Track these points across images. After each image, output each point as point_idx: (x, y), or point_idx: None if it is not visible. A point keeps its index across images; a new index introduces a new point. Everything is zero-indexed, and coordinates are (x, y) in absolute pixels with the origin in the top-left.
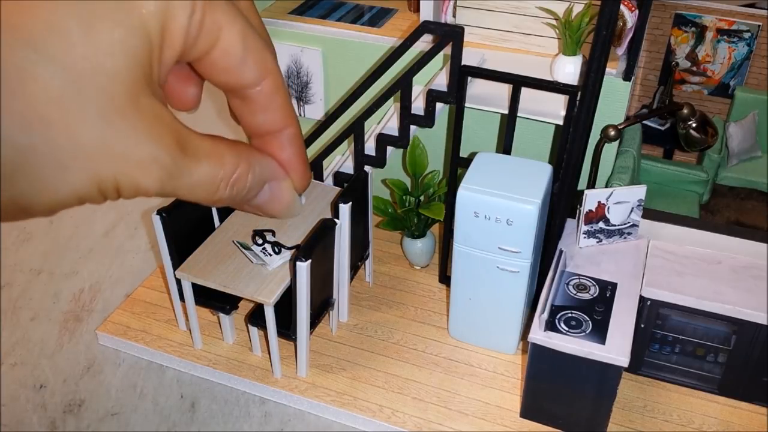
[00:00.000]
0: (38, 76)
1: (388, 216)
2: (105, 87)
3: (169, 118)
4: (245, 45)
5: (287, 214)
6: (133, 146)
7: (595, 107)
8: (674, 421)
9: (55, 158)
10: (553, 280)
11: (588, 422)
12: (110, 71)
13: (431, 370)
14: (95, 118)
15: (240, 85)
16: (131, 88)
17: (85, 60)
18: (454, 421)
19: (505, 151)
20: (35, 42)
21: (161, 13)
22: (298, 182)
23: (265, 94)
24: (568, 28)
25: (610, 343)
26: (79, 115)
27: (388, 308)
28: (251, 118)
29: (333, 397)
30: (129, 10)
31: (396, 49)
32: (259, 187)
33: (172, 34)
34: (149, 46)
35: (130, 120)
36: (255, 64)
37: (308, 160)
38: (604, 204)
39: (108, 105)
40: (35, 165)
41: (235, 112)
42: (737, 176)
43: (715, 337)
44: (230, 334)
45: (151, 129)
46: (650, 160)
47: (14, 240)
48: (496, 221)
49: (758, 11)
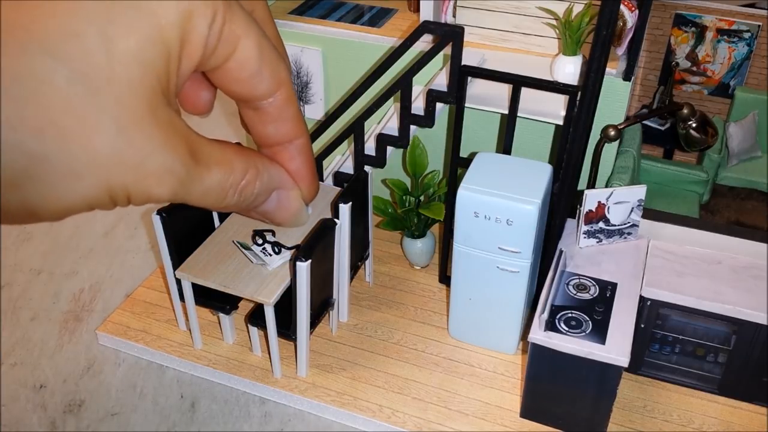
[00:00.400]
0: (54, 83)
1: (388, 216)
2: (122, 97)
3: (183, 127)
4: (261, 57)
5: (294, 222)
6: (148, 156)
7: (595, 107)
8: (674, 421)
9: (68, 166)
10: (553, 280)
11: (588, 422)
12: (127, 81)
13: (431, 370)
14: (111, 129)
15: (253, 96)
16: (148, 99)
17: (102, 69)
18: (455, 421)
19: (505, 151)
20: (53, 47)
21: (181, 24)
22: (306, 192)
23: (278, 106)
24: (568, 28)
25: (610, 343)
26: (95, 125)
27: (388, 308)
28: (262, 128)
29: (333, 397)
30: (149, 18)
31: (396, 49)
32: (266, 195)
33: (191, 45)
34: (167, 57)
35: (147, 131)
36: (270, 76)
37: (317, 171)
38: (604, 204)
39: (124, 116)
40: (47, 172)
41: (246, 121)
42: (737, 176)
43: (715, 337)
44: (230, 334)
45: (167, 140)
46: (650, 160)
47: (14, 240)
48: (496, 221)
49: (758, 11)
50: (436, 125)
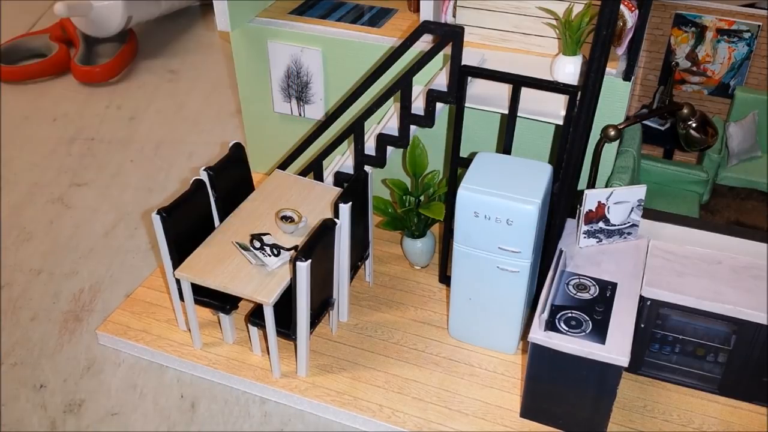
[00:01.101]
0: None
1: (389, 216)
2: None
3: None
4: None
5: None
6: None
7: (595, 107)
8: (674, 421)
9: None
10: (554, 280)
11: (588, 422)
12: None
13: (431, 370)
14: None
15: None
16: None
17: None
18: (455, 420)
19: (505, 151)
20: None
21: None
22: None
23: None
24: (568, 28)
25: (610, 343)
26: None
27: (388, 308)
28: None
29: (333, 397)
30: None
31: (396, 49)
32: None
33: None
34: None
35: None
36: None
37: None
38: (604, 204)
39: None
40: None
41: None
42: (737, 176)
43: (716, 337)
44: (230, 334)
45: None
46: (650, 160)
47: (14, 240)
48: (496, 221)
49: (758, 11)
50: (436, 125)
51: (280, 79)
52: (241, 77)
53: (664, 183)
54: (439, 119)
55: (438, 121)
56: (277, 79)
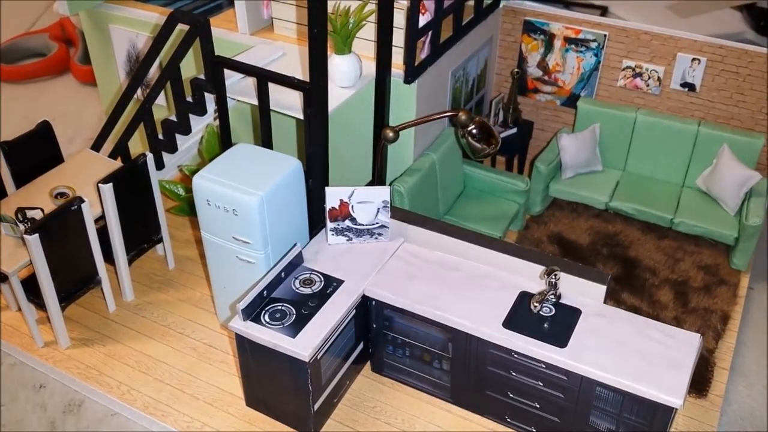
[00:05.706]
0: None
1: (180, 200)
2: None
3: None
4: None
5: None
6: None
7: (383, 108)
8: (396, 425)
9: None
10: (280, 273)
11: (294, 416)
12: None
13: (185, 354)
14: None
15: None
16: None
17: None
18: (183, 404)
19: (264, 144)
20: None
21: None
22: None
23: None
24: (334, 29)
25: (300, 337)
26: None
27: (176, 291)
28: None
29: (81, 370)
30: None
31: (154, 39)
32: None
33: None
34: None
35: None
36: None
37: None
38: (347, 202)
39: None
40: None
41: None
42: (567, 189)
43: (436, 343)
44: (13, 302)
45: None
46: (473, 166)
47: None
48: (225, 210)
49: (604, 20)
50: (285, 123)
51: (124, 63)
52: (95, 59)
53: (486, 190)
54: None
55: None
56: (121, 63)
